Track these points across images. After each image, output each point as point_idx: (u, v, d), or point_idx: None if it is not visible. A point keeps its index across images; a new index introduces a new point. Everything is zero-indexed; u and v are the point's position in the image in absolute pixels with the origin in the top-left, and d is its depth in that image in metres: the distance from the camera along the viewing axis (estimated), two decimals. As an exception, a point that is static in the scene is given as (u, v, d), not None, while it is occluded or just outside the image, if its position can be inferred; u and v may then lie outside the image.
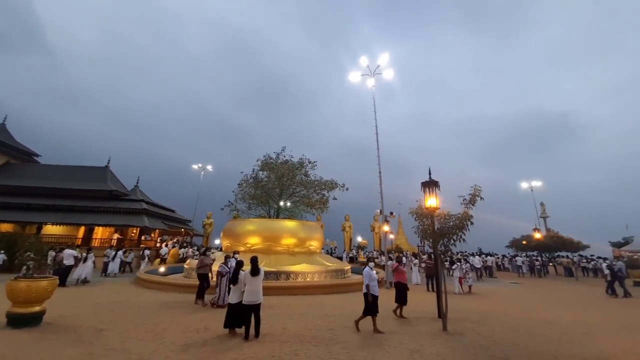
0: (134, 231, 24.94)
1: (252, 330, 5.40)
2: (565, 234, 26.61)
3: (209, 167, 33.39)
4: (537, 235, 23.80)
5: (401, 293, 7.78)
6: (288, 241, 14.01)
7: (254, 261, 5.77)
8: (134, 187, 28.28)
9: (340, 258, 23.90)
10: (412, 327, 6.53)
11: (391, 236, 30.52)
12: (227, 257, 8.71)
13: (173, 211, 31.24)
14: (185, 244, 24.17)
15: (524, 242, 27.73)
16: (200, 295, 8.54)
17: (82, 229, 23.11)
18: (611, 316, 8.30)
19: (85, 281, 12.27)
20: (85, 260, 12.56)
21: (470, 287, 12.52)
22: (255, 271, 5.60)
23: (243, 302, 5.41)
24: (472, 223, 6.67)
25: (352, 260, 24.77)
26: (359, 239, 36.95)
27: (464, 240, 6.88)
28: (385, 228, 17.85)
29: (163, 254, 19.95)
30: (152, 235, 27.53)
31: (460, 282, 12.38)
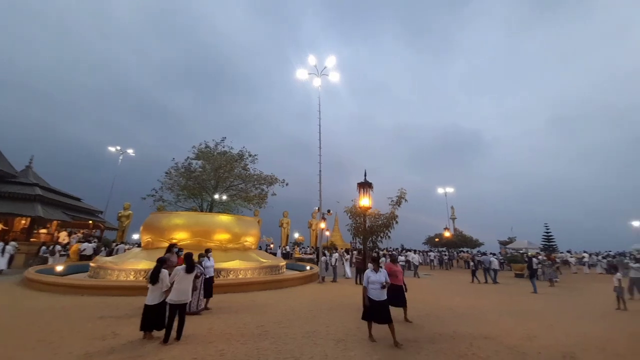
0: (24, 221, 20.26)
1: (173, 333, 4.96)
2: (468, 233, 31.87)
3: (130, 151, 29.26)
4: (447, 234, 27.83)
5: (395, 295, 6.72)
6: (221, 237, 13.28)
7: (189, 257, 5.45)
8: (25, 167, 22.93)
9: (275, 254, 23.75)
10: (340, 318, 6.91)
11: (327, 233, 31.71)
12: (201, 256, 7.76)
13: (79, 200, 26.41)
14: (91, 239, 20.62)
15: (436, 239, 32.11)
16: None
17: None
18: (496, 302, 10.24)
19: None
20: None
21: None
22: (190, 268, 5.31)
23: (168, 301, 4.98)
24: (397, 222, 7.42)
25: (286, 256, 24.87)
26: (296, 235, 37.34)
27: (389, 237, 7.62)
28: (322, 225, 18.46)
29: (82, 249, 16.62)
30: (49, 226, 22.75)
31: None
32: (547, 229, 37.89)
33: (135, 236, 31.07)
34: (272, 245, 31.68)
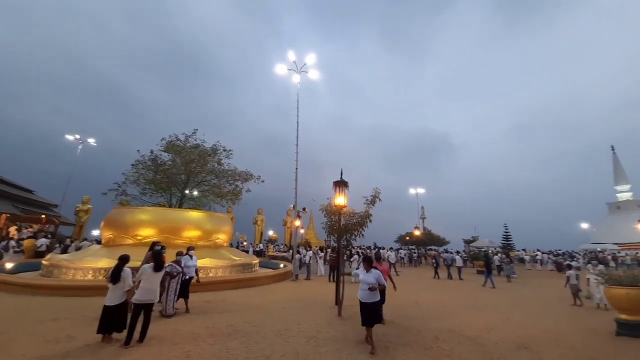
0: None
1: (136, 334, 4.67)
2: (436, 232, 33.45)
3: (91, 141, 27.10)
4: (417, 233, 29.01)
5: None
6: (191, 234, 12.75)
7: (159, 255, 5.22)
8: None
9: (247, 251, 23.32)
10: (312, 316, 6.93)
11: (302, 231, 31.68)
12: (179, 254, 7.19)
13: (31, 192, 24.04)
14: (43, 234, 18.86)
15: (407, 237, 33.34)
16: None
17: None
18: (459, 297, 10.84)
19: None
20: None
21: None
22: (159, 266, 5.07)
23: (133, 301, 4.70)
24: (371, 221, 7.56)
25: (259, 254, 24.50)
26: (271, 233, 36.92)
27: (363, 235, 7.76)
28: (297, 223, 18.40)
29: (39, 245, 15.06)
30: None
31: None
32: (506, 229, 40.84)
33: (95, 232, 28.97)
34: (245, 243, 31.06)
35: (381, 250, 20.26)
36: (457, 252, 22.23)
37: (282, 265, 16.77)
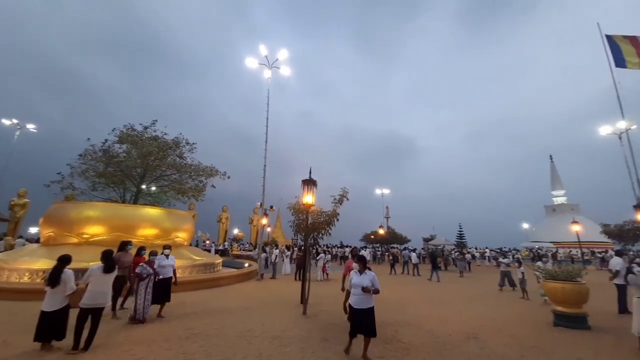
0: None
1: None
2: (399, 231, 35.07)
3: (30, 127, 23.97)
4: (381, 231, 30.12)
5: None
6: (147, 232, 11.86)
7: (108, 255, 4.77)
8: None
9: (209, 251, 22.40)
10: (277, 315, 6.84)
11: (269, 229, 31.17)
12: (152, 254, 6.44)
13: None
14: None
15: (372, 236, 34.47)
16: (113, 307, 6.23)
17: None
18: (417, 292, 11.47)
19: None
20: None
21: (327, 274, 14.40)
22: (109, 268, 4.67)
23: (81, 305, 4.28)
24: (338, 220, 7.67)
25: (222, 253, 23.64)
26: (236, 231, 35.77)
27: (330, 234, 7.84)
28: (264, 221, 18.05)
29: None
30: None
31: (323, 270, 14.07)
32: (460, 228, 44.17)
33: (33, 229, 25.73)
34: (207, 242, 29.74)
35: (346, 248, 20.72)
36: (414, 250, 23.51)
37: (246, 265, 16.35)
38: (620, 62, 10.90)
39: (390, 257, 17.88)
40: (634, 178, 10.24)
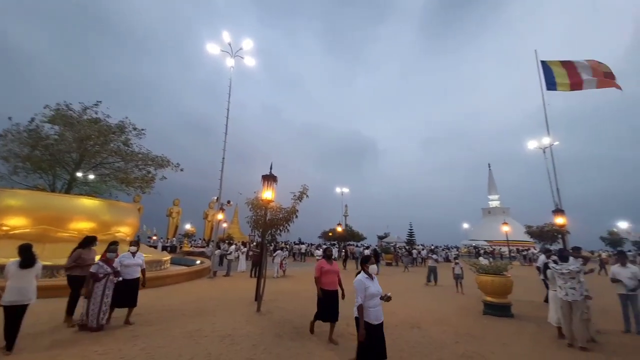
0: None
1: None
2: (356, 228, 36.33)
3: None
4: (339, 229, 30.89)
5: (333, 305, 5.12)
6: (82, 225, 10.57)
7: (26, 250, 4.17)
8: None
9: (156, 247, 20.81)
10: (229, 313, 6.62)
11: (225, 225, 29.91)
12: (109, 250, 5.39)
13: None
14: None
15: (330, 233, 35.17)
16: (70, 311, 5.25)
17: None
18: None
19: None
20: None
21: (284, 271, 14.36)
22: (27, 262, 4.10)
23: (3, 303, 3.84)
24: (297, 217, 7.68)
25: (171, 249, 22.12)
26: (188, 226, 33.62)
27: (288, 230, 7.81)
28: (220, 216, 17.28)
29: None
30: None
31: (280, 266, 13.99)
32: (411, 227, 47.45)
33: None
34: (154, 237, 27.55)
35: (302, 245, 20.86)
36: (366, 247, 24.58)
37: (198, 262, 15.53)
38: (551, 85, 12.60)
39: (343, 254, 18.58)
40: (554, 187, 11.89)
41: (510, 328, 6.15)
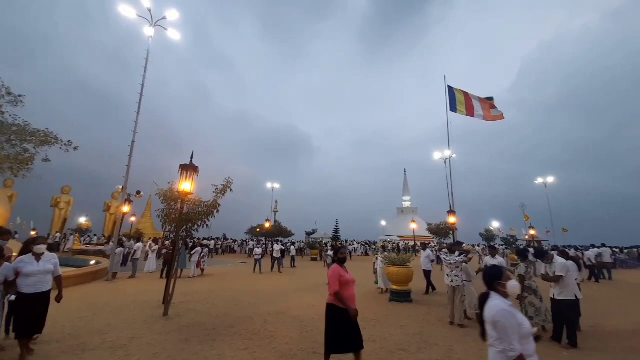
0: None
1: None
2: (285, 225, 36.37)
3: None
4: (267, 225, 30.41)
5: (348, 325, 3.45)
6: None
7: None
8: None
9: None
10: (128, 320, 5.76)
11: (133, 219, 25.98)
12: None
13: None
14: None
15: (258, 229, 34.32)
16: None
17: None
18: (292, 282, 12.18)
19: None
20: None
21: (203, 270, 13.36)
22: None
23: None
24: (218, 211, 7.17)
25: (52, 248, 18.10)
26: (82, 220, 27.92)
27: (207, 226, 7.24)
28: (125, 209, 14.90)
29: None
30: None
31: (198, 265, 12.92)
32: (337, 224, 50.32)
33: None
34: (33, 233, 22.09)
35: (234, 242, 19.72)
36: (293, 243, 24.96)
37: (92, 262, 13.14)
38: (453, 107, 15.08)
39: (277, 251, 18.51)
40: (450, 192, 14.28)
41: (408, 311, 7.07)
